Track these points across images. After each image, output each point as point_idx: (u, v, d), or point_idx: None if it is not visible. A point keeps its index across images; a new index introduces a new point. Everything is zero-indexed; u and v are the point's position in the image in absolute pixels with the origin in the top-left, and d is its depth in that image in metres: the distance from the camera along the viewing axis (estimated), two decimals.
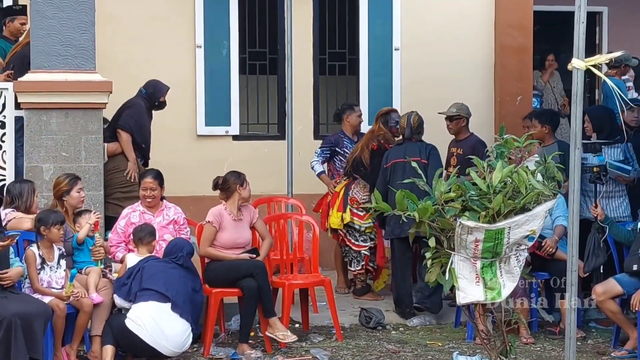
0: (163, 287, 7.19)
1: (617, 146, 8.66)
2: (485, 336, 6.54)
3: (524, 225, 6.20)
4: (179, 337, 7.15)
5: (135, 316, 7.09)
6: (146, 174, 8.05)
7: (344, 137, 9.70)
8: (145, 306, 7.12)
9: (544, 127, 8.92)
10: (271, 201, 9.51)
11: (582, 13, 6.23)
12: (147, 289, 7.17)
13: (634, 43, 12.12)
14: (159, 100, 8.96)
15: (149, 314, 7.09)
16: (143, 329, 7.05)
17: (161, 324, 7.09)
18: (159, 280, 7.21)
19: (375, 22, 11.06)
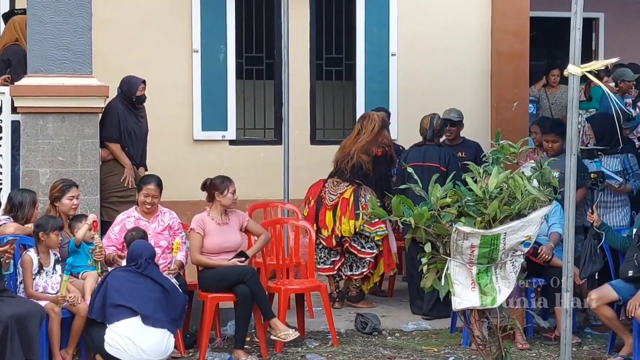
0: (130, 301, 7.09)
1: (616, 156, 8.64)
2: (480, 342, 6.54)
3: (520, 231, 6.20)
4: (157, 346, 7.09)
5: (111, 339, 7.03)
6: (148, 180, 7.97)
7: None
8: (118, 326, 7.04)
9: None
10: (267, 206, 9.50)
11: (578, 19, 6.24)
12: (116, 306, 7.08)
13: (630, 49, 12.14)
14: (135, 95, 8.77)
15: (123, 334, 7.02)
16: (121, 352, 7.02)
17: (137, 340, 7.02)
18: (124, 294, 7.11)
19: (372, 28, 11.07)
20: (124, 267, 7.35)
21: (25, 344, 6.73)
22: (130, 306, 7.07)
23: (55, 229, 7.20)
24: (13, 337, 6.64)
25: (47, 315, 7.00)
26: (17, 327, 6.68)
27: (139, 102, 8.84)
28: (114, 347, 7.02)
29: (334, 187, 9.16)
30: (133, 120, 8.79)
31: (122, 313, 7.07)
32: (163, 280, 7.34)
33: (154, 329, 7.08)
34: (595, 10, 12.78)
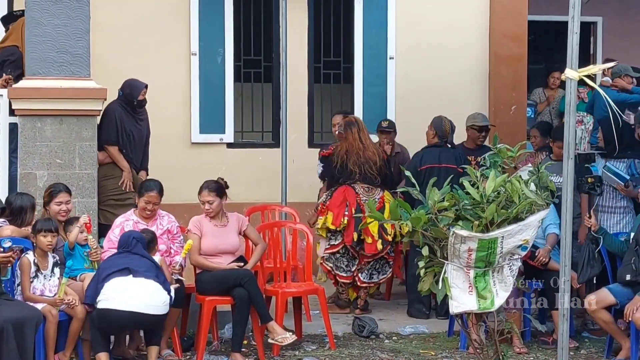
0: (119, 267, 7.15)
1: (623, 160, 8.63)
2: (478, 345, 6.54)
3: (517, 235, 6.21)
4: (152, 295, 7.07)
5: (104, 296, 7.05)
6: (150, 187, 7.91)
7: None
8: (109, 285, 7.06)
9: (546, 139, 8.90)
10: (265, 209, 9.50)
11: (575, 23, 6.25)
12: (105, 277, 7.11)
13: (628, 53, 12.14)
14: (137, 99, 8.75)
15: (114, 288, 7.04)
16: (114, 301, 7.00)
17: (130, 290, 7.04)
18: (115, 266, 7.17)
19: (371, 31, 11.08)
20: (114, 253, 7.41)
21: (21, 348, 6.72)
22: (121, 268, 7.11)
23: (42, 231, 7.19)
24: (9, 340, 6.63)
25: (44, 317, 6.99)
26: (13, 331, 6.66)
27: (140, 106, 8.82)
28: (107, 299, 7.02)
29: (368, 192, 9.09)
30: (132, 124, 8.77)
31: (113, 275, 7.10)
32: (152, 259, 7.38)
33: (146, 280, 7.09)
34: (593, 14, 12.78)
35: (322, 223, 9.00)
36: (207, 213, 7.96)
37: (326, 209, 9.02)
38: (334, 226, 8.96)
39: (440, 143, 9.10)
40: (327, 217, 8.97)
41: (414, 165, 8.87)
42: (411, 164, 8.91)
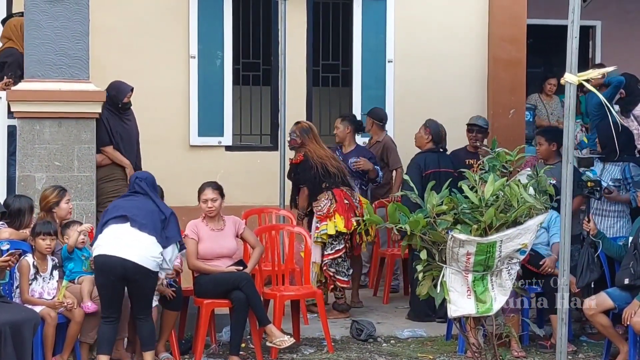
0: (120, 212, 7.14)
1: (617, 164, 8.62)
2: (476, 349, 6.55)
3: (516, 239, 6.21)
4: (145, 248, 7.02)
5: (98, 243, 7.07)
6: None
7: (336, 150, 9.69)
8: (106, 231, 7.08)
9: (551, 145, 8.85)
10: (262, 212, 9.50)
11: (575, 27, 6.25)
12: (105, 222, 7.14)
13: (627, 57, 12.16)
14: (122, 101, 8.68)
15: (108, 236, 7.05)
16: (105, 247, 7.01)
17: (123, 238, 7.02)
18: (117, 210, 7.18)
19: (369, 34, 11.08)
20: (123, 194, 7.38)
21: (19, 350, 6.71)
22: (119, 215, 7.10)
23: (40, 234, 7.19)
24: (7, 343, 6.61)
25: (42, 320, 6.99)
26: (11, 334, 6.65)
27: (124, 109, 8.75)
28: (100, 246, 7.03)
29: (353, 195, 9.18)
30: (119, 124, 8.70)
31: (110, 222, 7.10)
32: (156, 197, 7.38)
33: (140, 232, 7.05)
34: (592, 18, 12.79)
35: (331, 228, 8.94)
36: (208, 212, 7.93)
37: (333, 214, 8.97)
38: (346, 229, 8.95)
39: (437, 148, 9.11)
40: (337, 221, 8.93)
41: (417, 169, 8.86)
42: (414, 168, 8.88)
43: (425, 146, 9.15)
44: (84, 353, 7.34)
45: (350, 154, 9.62)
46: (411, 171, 8.76)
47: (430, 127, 9.18)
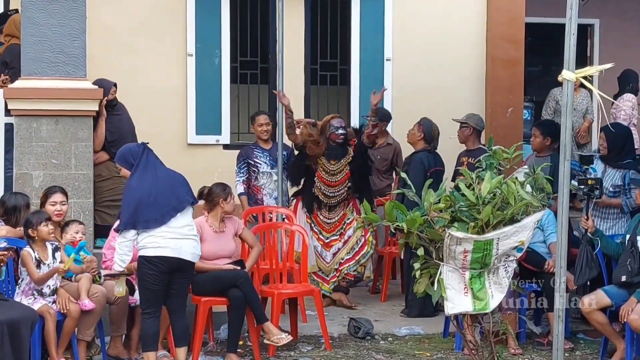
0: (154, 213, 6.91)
1: (619, 170, 8.58)
2: (473, 347, 6.55)
3: (513, 237, 6.21)
4: (193, 239, 7.06)
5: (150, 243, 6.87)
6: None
7: (255, 148, 9.65)
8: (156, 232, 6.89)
9: (545, 139, 8.88)
10: (261, 211, 9.49)
11: (572, 25, 6.25)
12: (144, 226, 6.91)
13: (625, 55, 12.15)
14: (107, 98, 8.65)
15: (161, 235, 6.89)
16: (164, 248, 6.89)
17: (173, 233, 6.94)
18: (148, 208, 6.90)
19: (367, 33, 11.08)
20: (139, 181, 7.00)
21: (16, 349, 6.70)
22: (154, 218, 6.91)
23: (42, 221, 7.16)
24: (4, 342, 6.60)
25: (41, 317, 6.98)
26: (8, 332, 6.65)
27: (110, 106, 8.74)
28: (160, 247, 6.88)
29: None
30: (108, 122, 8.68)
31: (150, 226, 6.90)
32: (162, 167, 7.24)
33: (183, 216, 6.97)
34: (591, 16, 12.79)
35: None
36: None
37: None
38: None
39: (429, 147, 9.13)
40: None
41: (421, 167, 8.91)
42: (419, 166, 8.93)
43: (417, 143, 9.18)
44: (82, 351, 7.33)
45: (274, 148, 9.57)
46: (415, 169, 8.81)
47: (424, 125, 9.21)
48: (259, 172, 9.51)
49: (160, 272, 6.93)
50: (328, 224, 9.28)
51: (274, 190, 9.49)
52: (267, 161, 9.53)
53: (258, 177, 9.52)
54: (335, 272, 9.26)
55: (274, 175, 9.48)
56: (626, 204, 8.43)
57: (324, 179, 9.16)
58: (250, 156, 9.55)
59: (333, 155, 9.16)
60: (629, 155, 8.69)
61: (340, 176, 9.17)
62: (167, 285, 7.00)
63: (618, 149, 8.59)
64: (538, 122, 10.10)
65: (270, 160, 9.51)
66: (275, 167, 9.46)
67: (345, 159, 9.18)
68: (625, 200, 8.44)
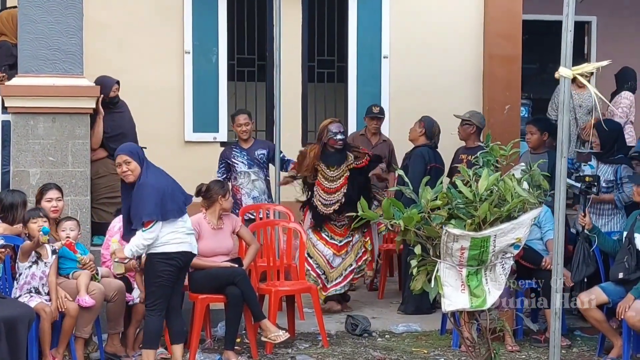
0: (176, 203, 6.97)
1: (612, 166, 8.60)
2: (470, 344, 6.54)
3: (510, 233, 6.20)
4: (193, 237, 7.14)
5: (167, 239, 6.92)
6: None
7: (235, 147, 9.61)
8: (170, 228, 6.93)
9: (542, 135, 8.90)
10: (259, 208, 9.49)
11: (569, 21, 6.24)
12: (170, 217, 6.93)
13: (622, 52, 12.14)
14: (108, 95, 8.66)
15: (176, 231, 6.96)
16: (180, 244, 6.97)
17: (184, 229, 7.02)
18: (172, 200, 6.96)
19: (364, 30, 11.08)
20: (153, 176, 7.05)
21: (13, 347, 6.70)
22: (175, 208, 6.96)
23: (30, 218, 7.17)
24: (1, 339, 6.61)
25: (37, 315, 6.98)
26: (6, 330, 6.65)
27: (112, 103, 8.74)
28: (175, 243, 6.95)
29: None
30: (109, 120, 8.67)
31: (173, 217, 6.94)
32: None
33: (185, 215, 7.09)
34: (588, 13, 12.78)
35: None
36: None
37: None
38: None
39: (430, 144, 9.13)
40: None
41: (422, 161, 8.92)
42: (419, 160, 8.94)
43: (418, 140, 9.18)
44: (79, 348, 7.33)
45: (253, 147, 9.52)
46: (416, 162, 8.82)
47: (425, 121, 9.24)
48: (237, 171, 9.47)
49: (177, 268, 6.98)
50: (339, 227, 9.09)
51: (252, 190, 9.45)
52: (244, 161, 9.47)
53: (237, 177, 9.47)
54: (341, 278, 9.11)
55: (252, 175, 9.45)
56: (619, 198, 8.46)
57: (323, 186, 9.01)
58: (229, 156, 9.52)
59: (332, 161, 9.02)
60: (621, 150, 8.72)
61: (339, 182, 9.04)
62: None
63: (610, 145, 8.62)
64: (533, 119, 10.11)
65: (248, 159, 9.46)
66: (253, 167, 9.43)
67: (345, 164, 9.02)
68: (617, 195, 8.46)
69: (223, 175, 9.46)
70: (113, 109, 8.75)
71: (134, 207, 6.89)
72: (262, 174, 9.50)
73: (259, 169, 9.47)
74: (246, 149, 9.51)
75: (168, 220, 6.88)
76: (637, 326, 7.32)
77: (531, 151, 9.01)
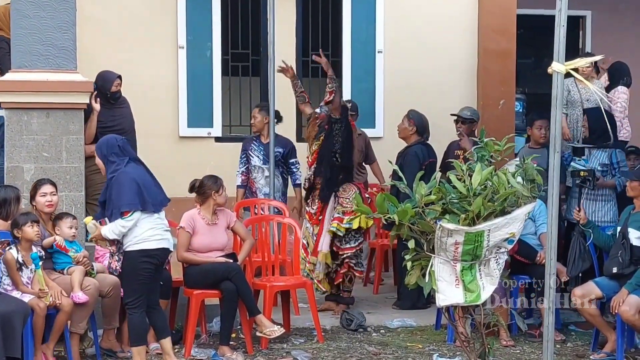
0: (149, 199, 6.96)
1: (605, 150, 8.65)
2: (464, 338, 6.55)
3: (504, 228, 6.21)
4: (169, 233, 7.12)
5: (141, 236, 6.92)
6: None
7: (255, 140, 9.61)
8: (144, 224, 6.93)
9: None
10: (254, 203, 9.49)
11: (562, 16, 6.25)
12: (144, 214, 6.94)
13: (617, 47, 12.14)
14: (110, 90, 8.66)
15: (151, 228, 6.96)
16: (154, 241, 6.96)
17: (161, 226, 7.03)
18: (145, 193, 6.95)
19: (359, 25, 11.07)
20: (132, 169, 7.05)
21: (9, 341, 6.70)
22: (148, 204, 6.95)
23: (27, 222, 7.14)
24: None
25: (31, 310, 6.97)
26: (1, 325, 6.65)
27: (113, 98, 8.73)
28: (149, 240, 6.94)
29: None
30: (108, 116, 8.66)
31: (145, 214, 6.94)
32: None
33: (162, 213, 7.09)
34: (583, 8, 12.78)
35: (356, 223, 8.79)
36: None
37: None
38: (375, 223, 9.08)
39: (423, 139, 9.12)
40: (361, 217, 8.80)
41: (417, 160, 8.90)
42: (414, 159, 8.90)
43: (411, 138, 9.15)
44: (74, 344, 7.32)
45: (270, 144, 9.47)
46: (411, 163, 8.78)
47: (414, 118, 9.19)
48: (252, 165, 9.50)
49: (156, 265, 6.97)
50: (312, 215, 9.02)
51: (264, 186, 9.45)
52: (260, 155, 9.50)
53: (251, 170, 9.51)
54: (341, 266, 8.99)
55: (266, 170, 9.45)
56: (619, 183, 8.50)
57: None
58: (248, 148, 9.56)
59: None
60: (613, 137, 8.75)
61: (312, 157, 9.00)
62: None
63: (600, 131, 8.65)
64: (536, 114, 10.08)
65: (264, 155, 9.48)
66: (268, 163, 9.42)
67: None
68: (617, 180, 8.51)
69: (243, 167, 9.51)
70: (114, 104, 8.74)
71: (110, 199, 6.93)
72: (277, 171, 9.46)
73: (274, 166, 9.43)
74: (264, 144, 9.51)
75: (147, 211, 6.90)
76: (631, 320, 7.33)
77: (529, 146, 9.01)
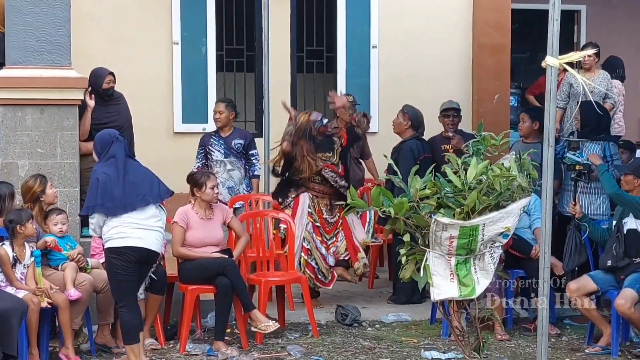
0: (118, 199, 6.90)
1: (598, 143, 8.67)
2: (459, 333, 6.56)
3: (499, 222, 6.22)
4: (158, 231, 7.02)
5: (118, 234, 6.89)
6: None
7: (213, 135, 9.57)
8: (123, 221, 6.90)
9: (533, 123, 8.94)
10: (248, 199, 9.49)
11: (556, 10, 6.26)
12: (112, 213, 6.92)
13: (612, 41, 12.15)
14: (102, 87, 8.63)
15: (129, 225, 6.90)
16: (132, 238, 6.89)
17: (141, 224, 6.94)
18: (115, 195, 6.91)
19: (353, 20, 11.06)
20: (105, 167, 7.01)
21: (5, 338, 6.70)
22: (120, 204, 6.91)
23: (29, 219, 7.16)
24: None
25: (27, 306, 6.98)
26: None
27: (106, 95, 8.72)
28: (127, 237, 6.87)
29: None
30: (102, 112, 8.65)
31: (117, 213, 6.90)
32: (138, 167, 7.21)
33: (150, 208, 6.98)
34: (577, 2, 12.79)
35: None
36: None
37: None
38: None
39: (418, 134, 9.13)
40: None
41: (411, 155, 8.88)
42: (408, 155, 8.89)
43: (406, 132, 9.15)
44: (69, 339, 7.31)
45: (231, 137, 9.46)
46: (405, 158, 8.77)
47: (409, 112, 9.19)
48: (213, 160, 9.45)
49: (129, 262, 6.91)
50: (329, 223, 8.99)
51: (228, 179, 9.42)
52: (220, 149, 9.44)
53: (212, 165, 9.45)
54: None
55: (228, 164, 9.42)
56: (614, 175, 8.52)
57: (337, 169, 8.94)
58: (207, 143, 9.51)
59: (326, 148, 8.88)
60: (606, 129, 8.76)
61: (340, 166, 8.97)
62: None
63: (594, 124, 8.67)
64: (528, 108, 10.14)
65: (225, 148, 9.42)
66: (230, 157, 9.39)
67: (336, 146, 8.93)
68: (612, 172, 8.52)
69: (200, 162, 9.46)
70: (109, 100, 8.73)
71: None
72: (239, 163, 9.46)
73: (235, 158, 9.42)
74: (224, 138, 9.49)
75: (99, 212, 6.89)
76: (627, 314, 7.34)
77: (523, 140, 9.03)
